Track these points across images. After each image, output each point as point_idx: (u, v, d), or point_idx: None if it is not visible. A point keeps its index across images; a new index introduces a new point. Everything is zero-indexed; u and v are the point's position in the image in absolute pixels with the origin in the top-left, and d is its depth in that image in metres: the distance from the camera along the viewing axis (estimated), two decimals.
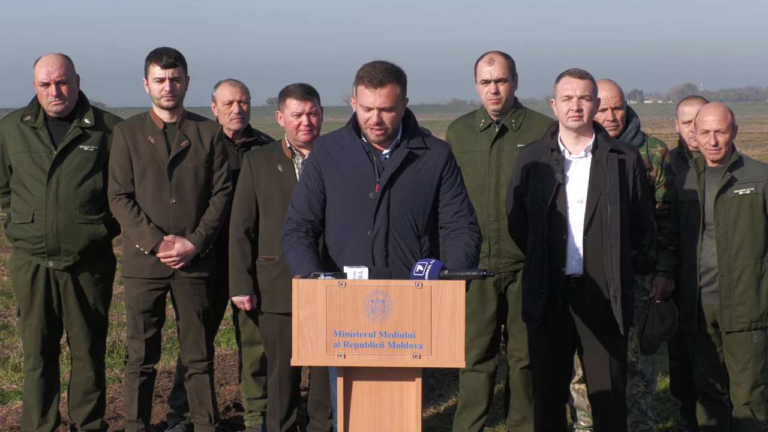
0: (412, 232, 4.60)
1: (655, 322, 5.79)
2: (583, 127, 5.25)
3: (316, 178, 4.65)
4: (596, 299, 5.21)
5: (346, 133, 4.67)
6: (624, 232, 5.19)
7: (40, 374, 5.93)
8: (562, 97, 5.24)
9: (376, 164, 4.58)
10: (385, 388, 4.06)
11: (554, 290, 5.25)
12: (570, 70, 5.30)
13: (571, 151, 5.28)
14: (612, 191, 5.15)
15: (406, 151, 4.58)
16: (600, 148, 5.23)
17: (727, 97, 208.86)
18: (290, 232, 4.61)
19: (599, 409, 5.42)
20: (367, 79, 4.48)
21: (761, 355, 5.71)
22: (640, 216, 5.34)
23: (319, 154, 4.67)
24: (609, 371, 5.31)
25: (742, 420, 5.75)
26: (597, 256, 5.19)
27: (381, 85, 4.46)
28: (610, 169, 5.17)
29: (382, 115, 4.50)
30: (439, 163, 4.63)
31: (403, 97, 4.56)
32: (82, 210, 5.75)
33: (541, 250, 5.26)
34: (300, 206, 4.65)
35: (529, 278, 5.36)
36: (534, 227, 5.33)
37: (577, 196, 5.23)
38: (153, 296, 5.83)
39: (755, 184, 5.62)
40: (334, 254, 4.63)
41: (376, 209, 4.55)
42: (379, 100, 4.47)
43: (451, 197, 4.64)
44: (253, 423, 6.44)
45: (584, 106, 5.21)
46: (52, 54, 5.79)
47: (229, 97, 6.32)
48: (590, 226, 5.20)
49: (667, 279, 5.82)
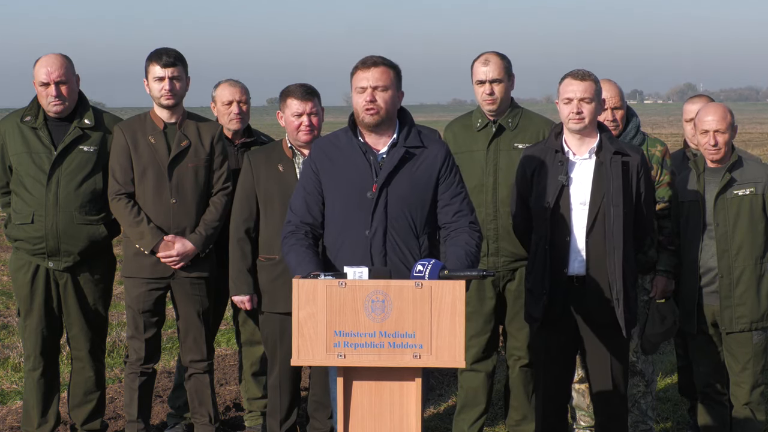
0: (410, 231, 4.60)
1: (655, 322, 5.79)
2: (585, 129, 5.24)
3: (313, 180, 4.65)
4: (599, 301, 5.21)
5: (343, 133, 4.68)
6: (627, 235, 5.19)
7: (40, 374, 5.92)
8: (564, 100, 5.24)
9: (373, 164, 4.58)
10: (385, 388, 4.06)
11: (556, 291, 5.25)
12: (573, 71, 5.29)
13: (575, 153, 5.28)
14: (615, 194, 5.14)
15: (403, 150, 4.58)
16: (604, 149, 5.22)
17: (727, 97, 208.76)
18: (289, 234, 4.62)
19: (601, 409, 5.43)
20: (361, 62, 4.59)
21: (761, 356, 5.72)
22: (643, 218, 5.34)
23: (316, 156, 4.68)
24: (611, 372, 5.31)
25: (742, 420, 5.75)
26: (600, 258, 5.19)
27: (374, 65, 4.55)
28: (614, 171, 5.16)
29: (376, 93, 4.53)
30: (436, 161, 4.63)
31: (397, 85, 4.60)
32: (82, 210, 5.75)
33: (544, 251, 5.26)
34: (298, 209, 4.66)
35: (531, 278, 5.36)
36: (537, 228, 5.33)
37: (581, 198, 5.23)
38: (153, 296, 5.83)
39: (755, 184, 5.62)
40: (333, 254, 4.63)
41: (373, 209, 4.56)
42: (373, 77, 4.53)
43: (450, 197, 4.64)
44: (253, 423, 6.44)
45: (585, 108, 5.20)
46: (52, 54, 5.79)
47: (228, 97, 6.32)
48: (593, 227, 5.19)
49: (668, 279, 5.82)
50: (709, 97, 6.52)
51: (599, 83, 5.32)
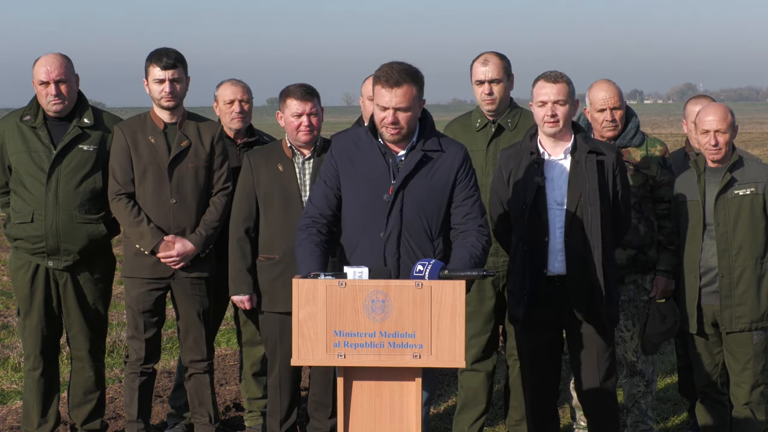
0: (425, 234, 4.60)
1: (655, 322, 5.79)
2: (560, 132, 5.25)
3: (333, 175, 4.66)
4: (580, 299, 5.21)
5: (364, 133, 4.68)
6: (605, 232, 5.20)
7: (40, 374, 5.92)
8: (538, 102, 5.25)
9: (391, 166, 4.59)
10: (385, 388, 4.06)
11: (537, 291, 5.25)
12: (545, 73, 5.29)
13: (550, 153, 5.29)
14: (592, 192, 5.15)
15: (420, 153, 4.58)
16: (579, 149, 5.23)
17: (727, 97, 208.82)
18: (303, 227, 4.63)
19: (590, 409, 5.42)
20: (384, 78, 4.50)
21: (761, 355, 5.71)
22: (621, 215, 5.34)
23: (336, 153, 4.69)
24: (597, 370, 5.30)
25: (742, 420, 5.75)
26: (579, 257, 5.18)
27: (397, 85, 4.48)
28: (589, 170, 5.17)
29: (398, 114, 4.51)
30: (454, 165, 4.63)
31: (419, 98, 4.58)
32: (81, 209, 5.75)
33: (523, 252, 5.26)
34: (318, 201, 4.67)
35: (512, 280, 5.38)
36: (516, 229, 5.34)
37: (557, 198, 5.23)
38: (153, 296, 5.83)
39: (755, 184, 5.62)
40: (348, 254, 4.64)
41: (389, 211, 4.56)
42: (395, 99, 4.48)
43: (462, 199, 4.64)
44: (253, 423, 6.44)
45: (559, 111, 5.21)
46: (52, 53, 5.79)
47: (230, 96, 6.33)
48: (571, 227, 5.19)
49: (668, 279, 5.82)
50: (710, 98, 6.51)
51: (572, 84, 5.31)
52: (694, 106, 6.26)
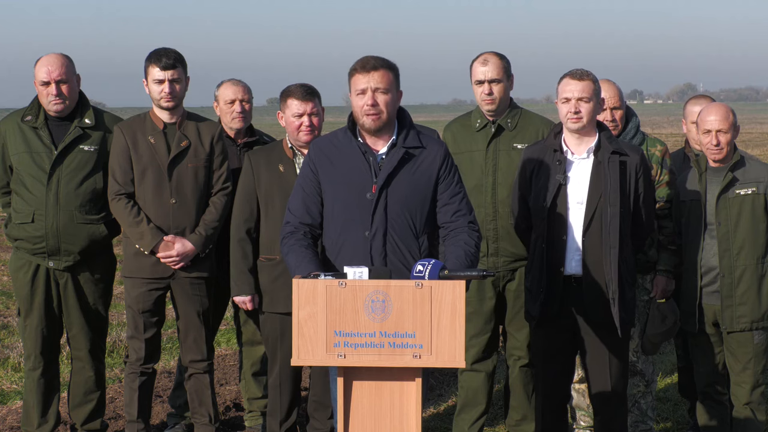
0: (410, 231, 4.59)
1: (656, 322, 5.79)
2: (584, 128, 5.25)
3: (312, 180, 4.64)
4: (595, 300, 5.22)
5: (342, 133, 4.67)
6: (624, 234, 5.20)
7: (40, 374, 5.92)
8: (562, 99, 5.27)
9: (372, 164, 4.58)
10: (385, 388, 4.06)
11: (553, 290, 5.26)
12: (571, 71, 5.31)
13: (573, 152, 5.29)
14: (612, 193, 5.15)
15: (402, 150, 4.58)
16: (603, 149, 5.23)
17: (727, 97, 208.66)
18: (288, 234, 4.61)
19: (600, 409, 5.43)
20: (360, 65, 4.56)
21: (762, 355, 5.71)
22: (642, 218, 5.34)
23: (315, 156, 4.67)
24: (609, 372, 5.32)
25: (742, 420, 5.75)
26: (596, 257, 5.19)
27: (374, 69, 4.53)
28: (611, 170, 5.17)
29: (377, 96, 4.52)
30: (435, 161, 4.63)
31: (396, 86, 4.59)
32: (82, 210, 5.76)
33: (541, 250, 5.27)
34: (297, 209, 4.65)
35: (530, 277, 5.39)
36: (535, 227, 5.35)
37: (578, 197, 5.24)
38: (153, 296, 5.83)
39: (757, 184, 5.62)
40: (333, 255, 4.62)
41: (373, 210, 4.55)
42: (374, 80, 4.52)
43: (449, 196, 4.63)
44: (253, 423, 6.44)
45: (583, 108, 5.22)
46: (53, 54, 5.79)
47: (231, 96, 6.34)
48: (590, 227, 5.20)
49: (668, 278, 5.82)
50: (710, 98, 6.51)
51: (598, 82, 5.34)
52: (694, 107, 6.26)
